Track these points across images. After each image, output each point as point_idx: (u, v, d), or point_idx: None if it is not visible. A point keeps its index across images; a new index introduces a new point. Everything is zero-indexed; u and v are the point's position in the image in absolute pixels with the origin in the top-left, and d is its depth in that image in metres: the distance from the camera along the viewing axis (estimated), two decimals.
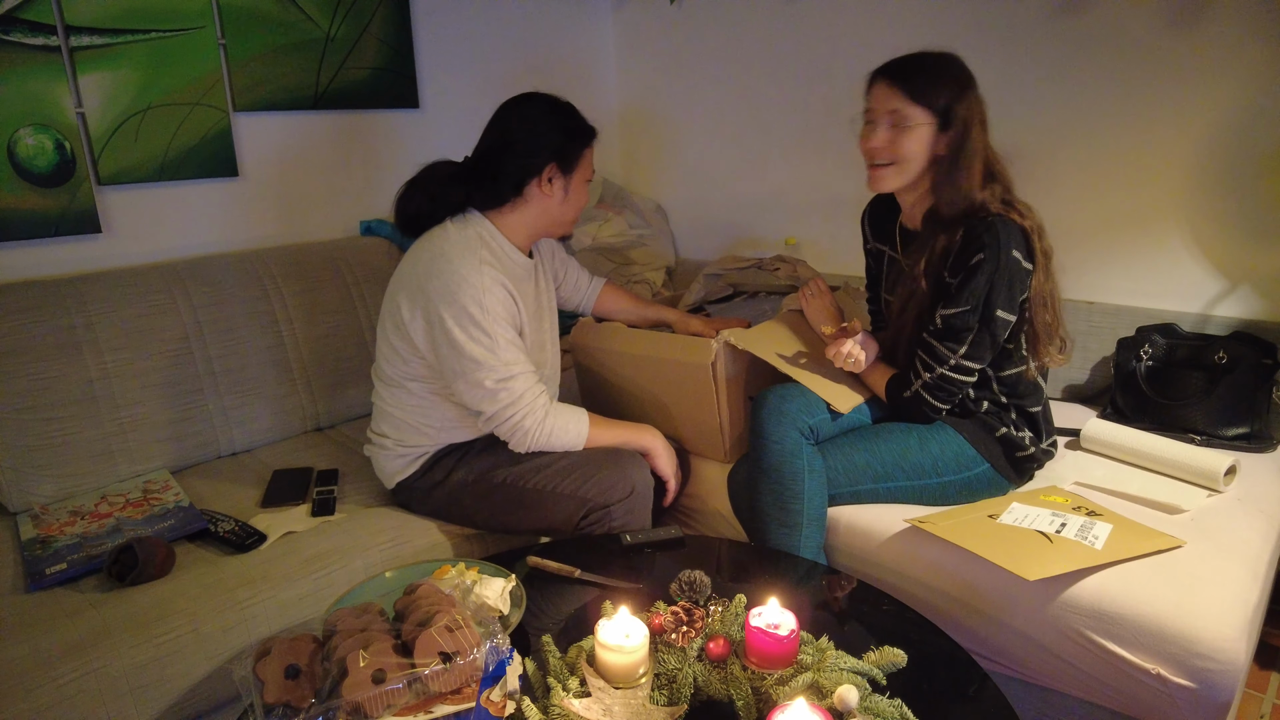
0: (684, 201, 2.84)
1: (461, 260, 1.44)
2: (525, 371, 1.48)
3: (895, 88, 1.41)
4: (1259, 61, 1.71)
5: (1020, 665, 1.36)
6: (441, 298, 1.42)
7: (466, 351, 1.42)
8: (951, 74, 1.41)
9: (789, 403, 1.52)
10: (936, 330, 1.46)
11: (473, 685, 0.96)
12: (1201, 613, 1.20)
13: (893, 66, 1.43)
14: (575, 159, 1.53)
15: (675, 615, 1.09)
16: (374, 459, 1.64)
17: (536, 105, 1.53)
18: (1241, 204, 1.79)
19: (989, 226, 1.38)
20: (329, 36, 2.13)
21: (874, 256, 1.71)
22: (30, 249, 1.76)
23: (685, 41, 2.66)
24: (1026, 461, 1.55)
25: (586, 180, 1.58)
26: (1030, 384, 1.54)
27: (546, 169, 1.50)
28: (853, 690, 0.94)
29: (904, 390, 1.53)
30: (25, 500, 1.57)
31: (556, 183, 1.52)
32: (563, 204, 1.54)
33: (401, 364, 1.53)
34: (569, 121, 1.53)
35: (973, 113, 1.40)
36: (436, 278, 1.43)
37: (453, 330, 1.42)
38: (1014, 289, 1.40)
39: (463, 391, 1.47)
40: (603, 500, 1.48)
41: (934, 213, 1.46)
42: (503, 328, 1.45)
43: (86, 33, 1.75)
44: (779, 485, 1.49)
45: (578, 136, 1.53)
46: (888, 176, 1.46)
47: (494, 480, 1.53)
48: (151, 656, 1.23)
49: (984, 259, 1.38)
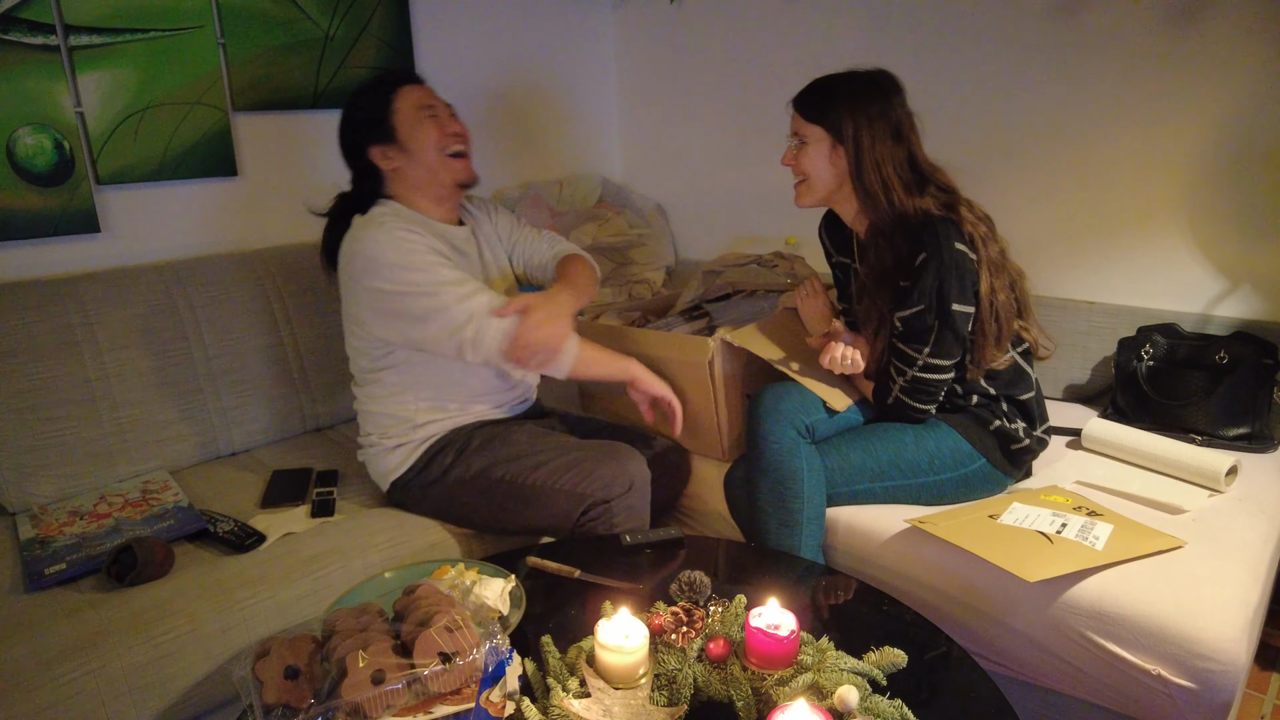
0: (684, 201, 2.83)
1: (364, 230, 1.48)
2: (477, 284, 1.48)
3: (795, 108, 1.52)
4: (1259, 61, 1.71)
5: (1020, 666, 1.36)
6: (365, 271, 1.46)
7: (411, 294, 1.43)
8: (846, 91, 1.46)
9: (785, 401, 1.53)
10: (899, 333, 1.48)
11: (472, 686, 0.96)
12: (1202, 613, 1.20)
13: (801, 90, 1.51)
14: (387, 123, 1.52)
15: (675, 616, 1.08)
16: (367, 463, 1.64)
17: (345, 105, 1.58)
18: (1242, 203, 1.79)
19: (928, 225, 1.41)
20: (328, 36, 2.13)
21: (839, 269, 1.74)
22: (29, 248, 1.76)
23: (685, 41, 2.65)
24: (1022, 453, 1.56)
25: (423, 118, 1.52)
26: (1015, 372, 1.55)
27: (371, 152, 1.53)
28: (853, 691, 0.93)
29: (886, 398, 1.55)
30: (24, 500, 1.57)
31: (391, 152, 1.53)
32: (412, 163, 1.53)
33: (367, 360, 1.56)
34: (361, 95, 1.55)
35: (868, 125, 1.43)
36: (355, 259, 1.48)
37: (387, 289, 1.44)
38: (965, 281, 1.42)
39: (437, 337, 1.45)
40: (602, 495, 1.47)
41: (873, 226, 1.51)
42: (423, 254, 1.45)
43: (85, 32, 1.75)
44: (778, 484, 1.49)
45: (375, 100, 1.53)
46: (802, 193, 1.56)
47: (492, 477, 1.53)
48: (151, 657, 1.23)
49: (927, 257, 1.40)
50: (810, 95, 1.50)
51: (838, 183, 1.50)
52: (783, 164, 1.55)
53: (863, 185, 1.46)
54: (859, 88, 1.46)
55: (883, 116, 1.45)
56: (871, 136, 1.44)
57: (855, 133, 1.44)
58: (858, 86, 1.46)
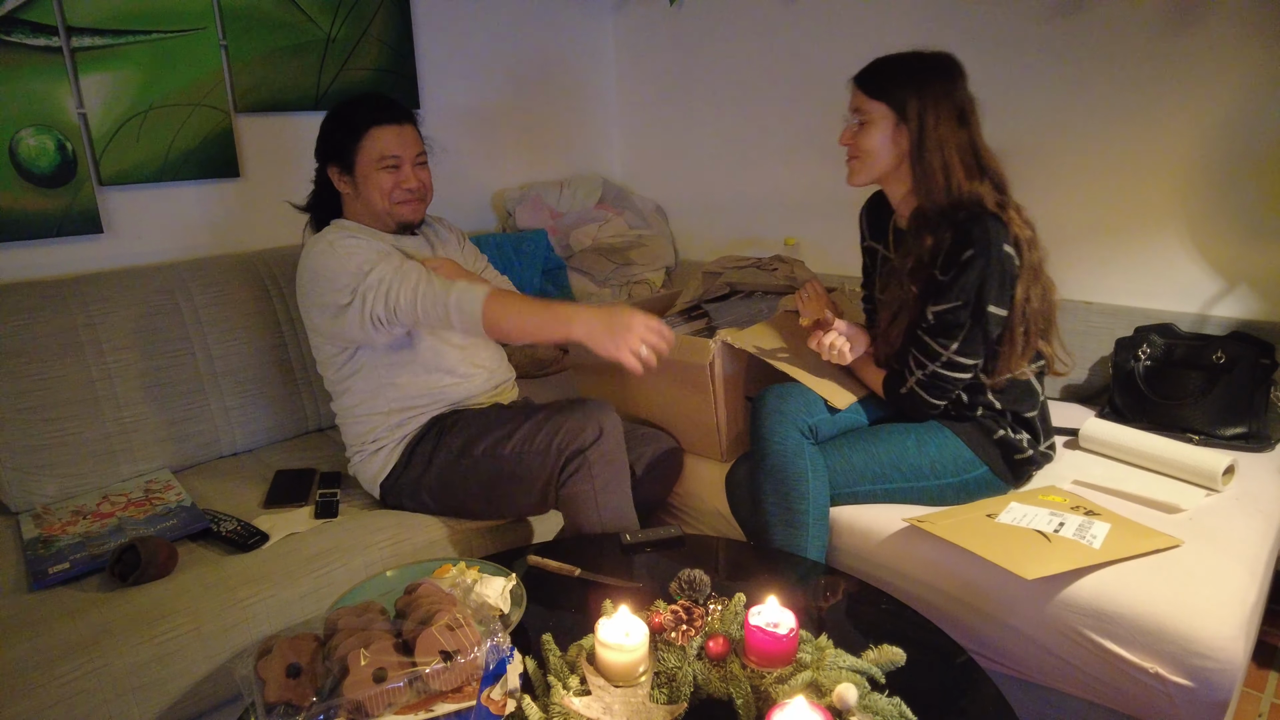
0: (684, 201, 2.84)
1: (313, 247, 1.53)
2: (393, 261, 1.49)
3: (857, 86, 1.49)
4: (1259, 61, 1.72)
5: (1019, 664, 1.36)
6: (306, 277, 1.53)
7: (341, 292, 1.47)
8: (913, 69, 1.44)
9: (788, 402, 1.53)
10: (929, 326, 1.46)
11: (473, 684, 0.96)
12: (1200, 612, 1.20)
13: (864, 67, 1.49)
14: (350, 156, 1.56)
15: (675, 614, 1.09)
16: (357, 473, 1.66)
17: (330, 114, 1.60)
18: (1240, 204, 1.80)
19: (979, 221, 1.39)
20: (330, 38, 2.14)
21: (869, 254, 1.72)
22: (32, 249, 1.77)
23: (685, 42, 2.66)
24: (1025, 464, 1.55)
25: (380, 168, 1.56)
26: (1024, 389, 1.54)
27: (329, 170, 1.60)
28: (852, 689, 0.94)
29: (899, 387, 1.54)
30: (28, 500, 1.58)
31: (345, 180, 1.59)
32: (358, 197, 1.59)
33: (334, 371, 1.60)
34: (337, 122, 1.58)
35: (934, 106, 1.41)
36: (301, 273, 1.55)
37: (321, 290, 1.49)
38: (1005, 285, 1.41)
39: (358, 316, 1.47)
40: (576, 446, 1.48)
41: (920, 211, 1.47)
42: (355, 254, 1.49)
43: (88, 33, 1.76)
44: (783, 485, 1.49)
45: (340, 131, 1.57)
46: (855, 170, 1.52)
47: (472, 454, 1.54)
48: (153, 655, 1.23)
49: (975, 254, 1.38)
50: (875, 72, 1.47)
51: (895, 162, 1.47)
52: (840, 142, 1.52)
53: (923, 166, 1.42)
54: (925, 67, 1.44)
55: (947, 97, 1.42)
56: (936, 116, 1.41)
57: (920, 111, 1.41)
58: (924, 66, 1.44)
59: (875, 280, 1.69)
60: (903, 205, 1.54)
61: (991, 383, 1.50)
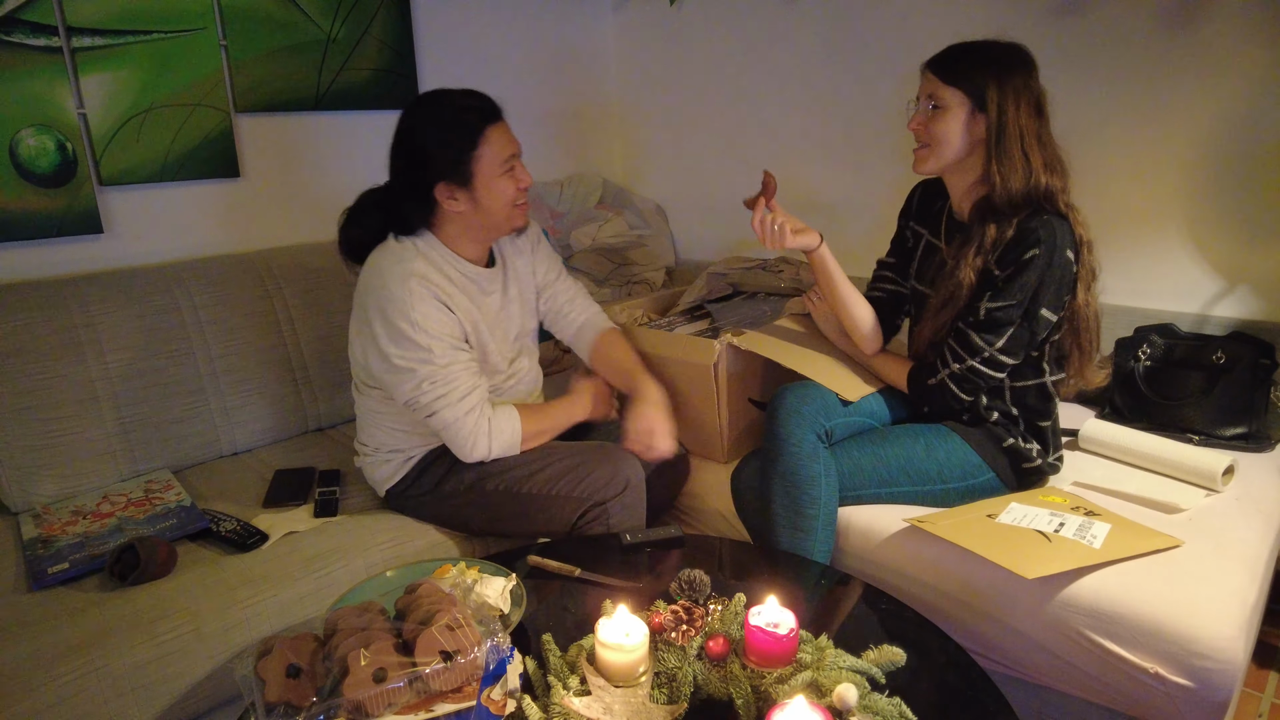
0: (684, 201, 2.84)
1: (390, 274, 1.43)
2: (464, 381, 1.46)
3: (932, 71, 1.45)
4: (1259, 61, 1.72)
5: (1019, 664, 1.36)
6: (375, 313, 1.44)
7: (399, 365, 1.43)
8: (992, 57, 1.41)
9: (808, 404, 1.50)
10: (976, 321, 1.44)
11: (473, 684, 0.96)
12: (1200, 612, 1.20)
13: (939, 53, 1.46)
14: (466, 168, 1.43)
15: (675, 614, 1.09)
16: (363, 469, 1.65)
17: (418, 117, 1.47)
18: (1240, 204, 1.80)
19: (1045, 223, 1.38)
20: (330, 38, 2.13)
21: (911, 235, 1.67)
22: (32, 249, 1.77)
23: (685, 41, 2.66)
24: (1032, 473, 1.55)
25: (502, 172, 1.46)
26: (1042, 394, 1.53)
27: (437, 189, 1.45)
28: (852, 689, 0.94)
29: (929, 378, 1.51)
30: (27, 500, 1.58)
31: (460, 195, 1.45)
32: (479, 210, 1.47)
33: (369, 372, 1.55)
34: (448, 133, 1.44)
35: (1014, 95, 1.39)
36: (371, 293, 1.45)
37: (384, 345, 1.43)
38: (1061, 290, 1.40)
39: (402, 401, 1.47)
40: (599, 498, 1.48)
41: (986, 202, 1.44)
42: (436, 339, 1.43)
43: (88, 34, 1.76)
44: (794, 489, 1.47)
45: (463, 140, 1.43)
46: (924, 158, 1.48)
47: (485, 489, 1.52)
48: (153, 655, 1.23)
49: (1038, 255, 1.37)
50: (952, 59, 1.43)
51: (967, 151, 1.44)
52: (909, 128, 1.48)
53: (1002, 154, 1.39)
54: (1004, 55, 1.41)
55: (1026, 87, 1.40)
56: (1016, 105, 1.39)
57: (1000, 100, 1.38)
58: (1002, 54, 1.41)
59: (912, 263, 1.66)
60: (965, 197, 1.51)
61: (1069, 390, 1.50)
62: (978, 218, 1.46)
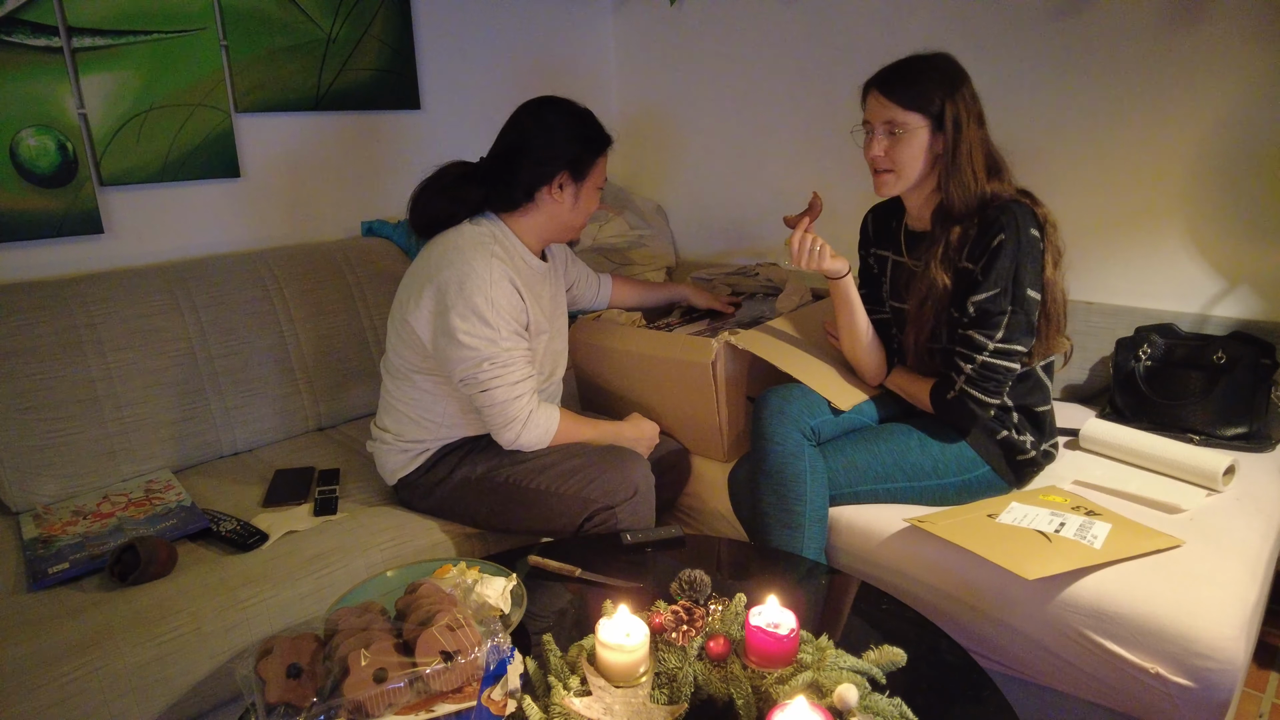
0: (684, 202, 2.84)
1: (474, 253, 1.46)
2: (521, 367, 1.49)
3: (887, 97, 1.43)
4: (1259, 61, 1.72)
5: (1019, 664, 1.36)
6: (451, 286, 1.45)
7: (464, 341, 1.44)
8: (941, 74, 1.42)
9: (791, 404, 1.52)
10: (970, 319, 1.45)
11: (474, 684, 0.96)
12: (1200, 612, 1.20)
13: (884, 75, 1.45)
14: (588, 168, 1.54)
15: (675, 614, 1.09)
16: (376, 455, 1.64)
17: (555, 111, 1.54)
18: (1240, 204, 1.80)
19: (1004, 209, 1.40)
20: (330, 38, 2.14)
21: (876, 262, 1.70)
22: (33, 249, 1.77)
23: (685, 42, 2.66)
24: (1027, 465, 1.55)
25: (598, 188, 1.59)
26: (1035, 383, 1.54)
27: (558, 176, 1.51)
28: (852, 689, 0.94)
29: (947, 392, 1.51)
30: (28, 500, 1.58)
31: (568, 189, 1.53)
32: (572, 210, 1.56)
33: (410, 355, 1.54)
34: (585, 130, 1.54)
35: (966, 110, 1.41)
36: (449, 267, 1.46)
37: (454, 319, 1.44)
38: (1037, 266, 1.42)
39: (458, 380, 1.48)
40: (607, 501, 1.48)
41: (944, 209, 1.47)
42: (506, 321, 1.46)
43: (89, 34, 1.76)
44: (781, 487, 1.49)
45: (592, 145, 1.54)
46: (890, 183, 1.49)
47: (497, 479, 1.54)
48: (153, 656, 1.23)
49: (1005, 239, 1.39)
50: (904, 81, 1.42)
51: (927, 170, 1.46)
52: (870, 157, 1.48)
53: (955, 169, 1.41)
54: (948, 70, 1.42)
55: (973, 99, 1.42)
56: (967, 119, 1.40)
57: (955, 116, 1.40)
58: (946, 69, 1.42)
59: (883, 288, 1.68)
60: (924, 207, 1.53)
61: (1030, 364, 1.50)
62: (938, 224, 1.48)
